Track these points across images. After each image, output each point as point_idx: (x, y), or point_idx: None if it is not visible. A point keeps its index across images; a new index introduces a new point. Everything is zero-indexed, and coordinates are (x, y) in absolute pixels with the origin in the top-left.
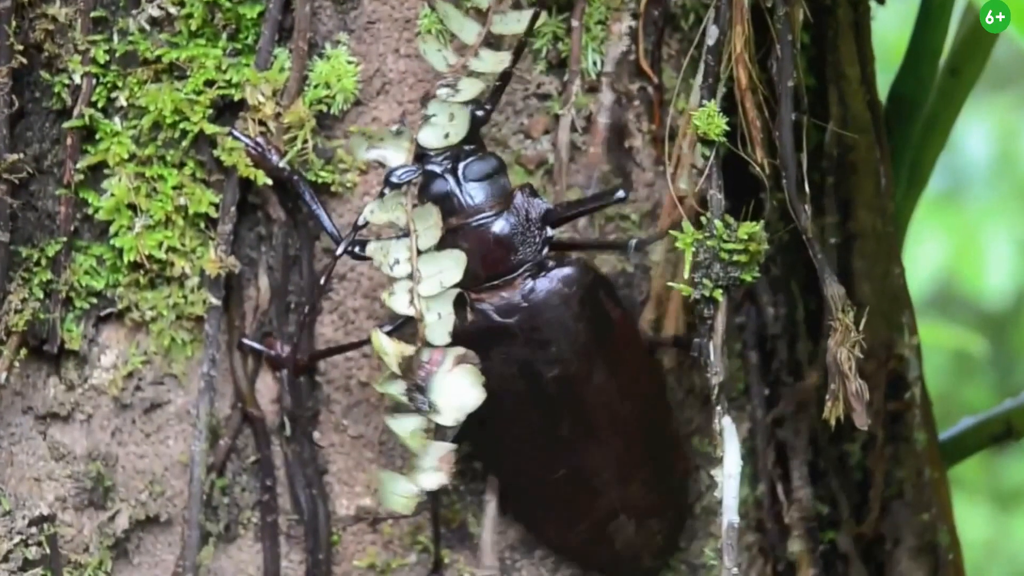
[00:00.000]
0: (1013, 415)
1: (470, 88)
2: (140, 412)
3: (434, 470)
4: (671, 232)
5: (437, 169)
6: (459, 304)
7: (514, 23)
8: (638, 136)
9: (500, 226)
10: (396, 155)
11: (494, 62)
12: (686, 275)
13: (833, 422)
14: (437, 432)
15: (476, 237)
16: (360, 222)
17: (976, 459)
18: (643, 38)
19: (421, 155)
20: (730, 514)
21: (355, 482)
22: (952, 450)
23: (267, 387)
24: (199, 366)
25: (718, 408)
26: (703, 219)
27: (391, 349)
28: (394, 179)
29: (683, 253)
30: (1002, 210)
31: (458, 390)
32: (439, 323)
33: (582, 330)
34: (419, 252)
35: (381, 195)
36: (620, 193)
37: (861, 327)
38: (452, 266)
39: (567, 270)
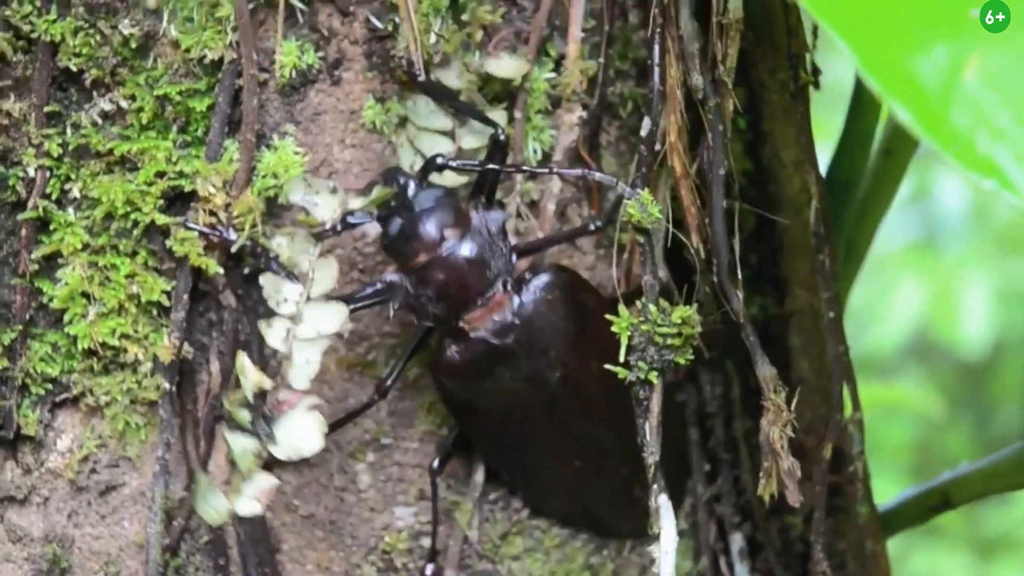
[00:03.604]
0: (950, 487)
1: None
2: (96, 494)
3: (252, 498)
4: (608, 317)
5: (390, 211)
6: (456, 337)
7: (479, 135)
8: (578, 221)
9: (468, 248)
10: (324, 207)
11: (452, 179)
12: (621, 358)
13: (767, 499)
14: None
15: (449, 266)
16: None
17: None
18: (583, 126)
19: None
20: None
21: (306, 560)
22: (890, 522)
23: (219, 469)
24: (153, 449)
25: (654, 487)
26: (638, 304)
27: (251, 377)
28: (351, 220)
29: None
30: (978, 259)
31: (301, 434)
32: (305, 367)
33: (571, 328)
34: (309, 298)
35: (334, 229)
36: (592, 225)
37: (794, 405)
38: (332, 317)
39: (545, 277)
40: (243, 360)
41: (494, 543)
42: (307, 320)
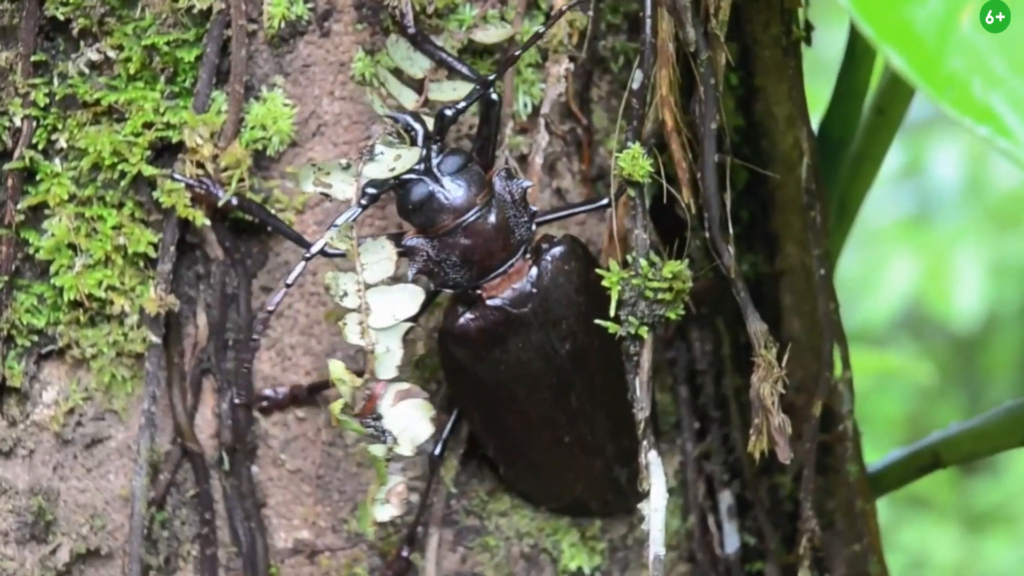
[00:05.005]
0: (940, 447)
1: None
2: (81, 447)
3: (383, 503)
4: (599, 271)
5: (413, 175)
6: (470, 304)
7: (449, 91)
8: (568, 176)
9: (494, 216)
10: (342, 188)
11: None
12: (612, 313)
13: (757, 456)
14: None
15: (475, 232)
16: (320, 245)
17: (946, 480)
18: (572, 80)
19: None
20: (656, 547)
21: (293, 515)
22: (880, 481)
23: (206, 422)
24: (139, 402)
25: (644, 443)
26: (629, 258)
27: (347, 379)
28: (372, 191)
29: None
30: (971, 233)
31: (409, 422)
32: (387, 356)
33: (583, 301)
34: (367, 285)
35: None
36: (604, 200)
37: (785, 362)
38: (407, 300)
39: (562, 247)
40: (335, 365)
41: (481, 499)
42: (377, 310)
